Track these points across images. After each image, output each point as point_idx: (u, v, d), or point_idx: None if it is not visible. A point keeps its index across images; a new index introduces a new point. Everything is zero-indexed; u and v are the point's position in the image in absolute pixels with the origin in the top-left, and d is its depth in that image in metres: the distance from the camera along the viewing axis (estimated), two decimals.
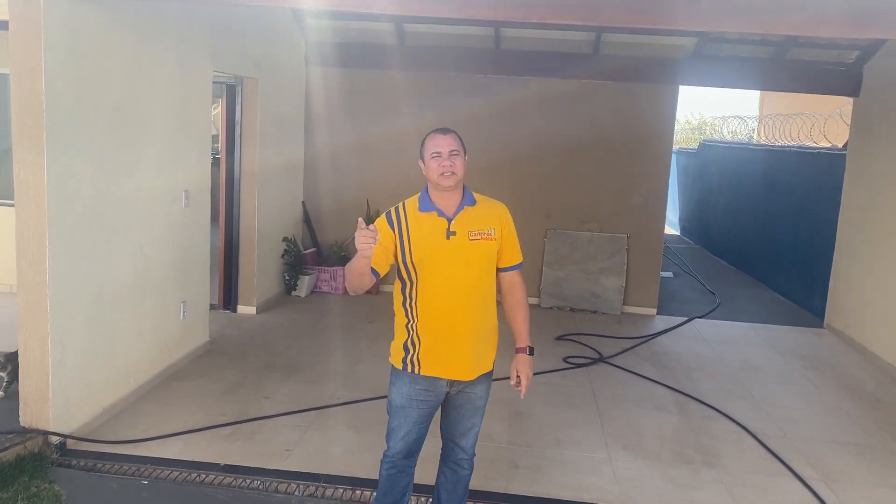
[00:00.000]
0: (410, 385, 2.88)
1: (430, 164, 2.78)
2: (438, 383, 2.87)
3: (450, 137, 2.80)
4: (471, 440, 3.04)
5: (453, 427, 3.03)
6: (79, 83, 3.92)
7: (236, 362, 5.57)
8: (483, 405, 3.00)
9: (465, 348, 2.82)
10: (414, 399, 2.89)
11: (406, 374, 2.88)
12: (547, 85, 7.72)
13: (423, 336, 2.83)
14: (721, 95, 15.87)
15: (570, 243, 7.91)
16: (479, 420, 3.03)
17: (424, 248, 2.78)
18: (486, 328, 2.90)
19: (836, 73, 7.42)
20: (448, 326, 2.80)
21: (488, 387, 3.00)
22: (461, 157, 2.79)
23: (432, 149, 2.78)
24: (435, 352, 2.83)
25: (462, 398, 2.94)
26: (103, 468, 3.85)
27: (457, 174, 2.76)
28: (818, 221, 8.31)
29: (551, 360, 6.08)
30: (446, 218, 2.81)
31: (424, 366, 2.84)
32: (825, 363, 6.45)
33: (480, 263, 2.82)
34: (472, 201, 2.87)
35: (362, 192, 7.99)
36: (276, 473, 3.89)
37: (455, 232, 2.79)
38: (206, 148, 5.56)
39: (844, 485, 4.13)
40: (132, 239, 4.57)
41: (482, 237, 2.81)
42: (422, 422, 2.94)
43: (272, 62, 6.99)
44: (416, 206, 2.85)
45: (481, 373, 2.91)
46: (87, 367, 4.19)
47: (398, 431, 2.95)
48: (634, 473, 4.14)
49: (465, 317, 2.80)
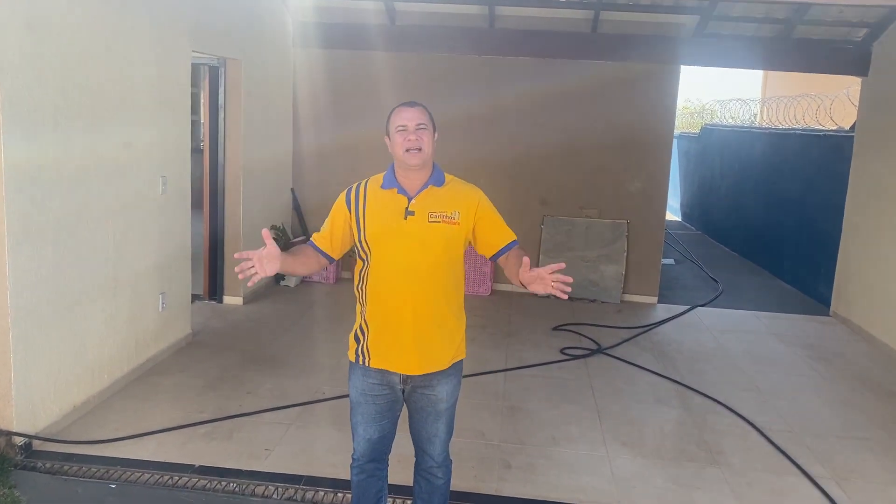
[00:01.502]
0: (363, 378, 2.68)
1: (395, 139, 2.55)
2: (391, 378, 2.64)
3: (417, 110, 2.56)
4: (437, 447, 2.80)
5: (417, 432, 2.80)
6: (39, 62, 3.67)
7: (219, 356, 5.34)
8: (446, 409, 2.73)
9: (410, 339, 2.56)
10: (368, 394, 2.68)
11: (359, 367, 2.69)
12: (543, 66, 7.45)
13: (371, 323, 2.62)
14: (721, 78, 15.48)
15: (568, 230, 7.66)
16: (445, 426, 2.77)
17: (379, 225, 2.57)
18: (442, 321, 2.62)
19: (844, 51, 7.15)
20: (394, 313, 2.57)
21: (452, 390, 2.72)
22: (429, 132, 2.56)
23: (398, 122, 2.55)
24: (382, 342, 2.61)
25: (421, 399, 2.69)
26: (69, 471, 3.63)
27: (423, 150, 2.53)
28: (824, 206, 8.06)
29: (547, 351, 5.85)
30: (406, 196, 2.58)
31: (373, 357, 2.63)
32: (832, 352, 6.22)
33: (437, 248, 2.55)
34: (441, 181, 2.63)
35: (353, 178, 7.70)
36: (253, 475, 3.67)
37: (414, 212, 2.55)
38: (184, 131, 5.30)
39: (856, 483, 3.91)
40: (103, 227, 4.32)
41: (443, 220, 2.56)
42: (380, 419, 2.72)
43: (257, 43, 6.72)
44: (380, 183, 2.64)
45: (432, 370, 2.63)
46: (55, 363, 3.96)
47: (357, 429, 2.77)
48: (634, 473, 3.91)
49: (414, 304, 2.55)
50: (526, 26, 7.26)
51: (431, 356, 2.63)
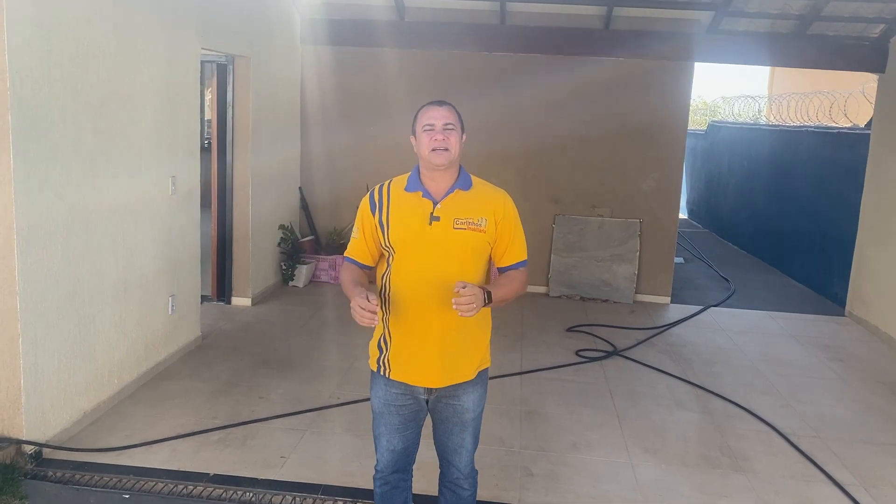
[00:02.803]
0: (386, 388, 2.59)
1: (422, 139, 2.45)
2: (415, 389, 2.56)
3: (445, 109, 2.46)
4: (464, 458, 2.71)
5: (443, 443, 2.71)
6: (48, 59, 3.56)
7: (229, 359, 5.24)
8: (472, 419, 2.64)
9: (434, 350, 2.47)
10: (391, 404, 2.59)
11: (381, 378, 2.60)
12: (555, 63, 7.35)
13: (394, 332, 2.52)
14: (728, 76, 15.43)
15: (580, 229, 7.56)
16: (471, 437, 2.68)
17: (403, 230, 2.47)
18: (468, 331, 2.52)
19: (860, 47, 7.03)
20: (418, 322, 2.47)
21: (478, 399, 2.63)
22: (457, 133, 2.46)
23: (425, 121, 2.45)
24: (405, 353, 2.51)
25: (446, 409, 2.60)
26: (81, 480, 3.53)
27: (450, 151, 2.43)
28: (838, 204, 7.96)
29: (562, 353, 5.75)
30: (432, 200, 2.47)
31: (394, 369, 2.54)
32: (850, 354, 6.12)
33: (462, 256, 2.46)
34: (467, 185, 2.53)
35: (362, 176, 7.63)
36: (269, 484, 3.58)
37: (439, 217, 2.45)
38: (194, 131, 5.19)
39: (887, 490, 3.82)
40: (112, 229, 4.22)
41: (469, 227, 2.46)
42: (404, 429, 2.63)
43: (265, 40, 6.61)
44: (404, 185, 2.53)
45: (455, 381, 2.54)
46: (65, 369, 3.86)
47: (381, 440, 2.68)
48: (658, 479, 3.82)
49: (439, 314, 2.44)
50: (537, 22, 7.15)
51: (456, 368, 2.53)
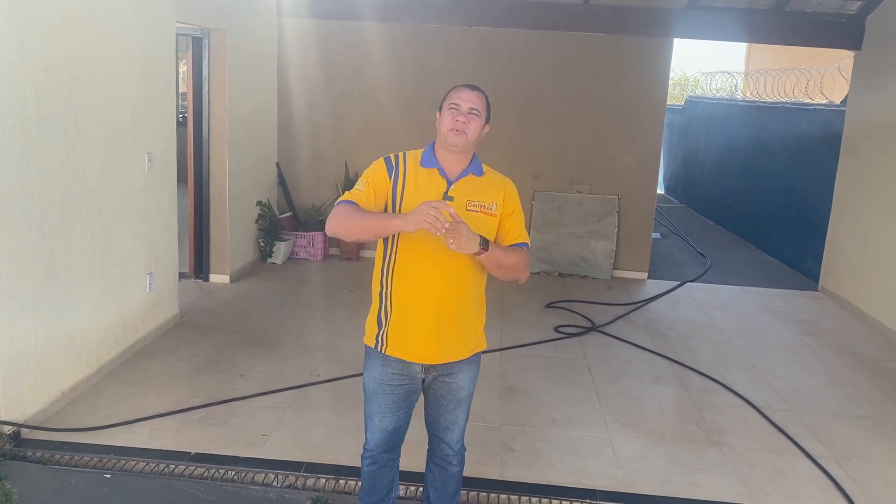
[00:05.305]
0: (382, 368, 2.59)
1: (445, 116, 2.47)
2: (412, 367, 2.57)
3: (475, 94, 2.48)
4: (456, 435, 2.75)
5: (435, 421, 2.74)
6: (19, 35, 3.46)
7: (209, 337, 5.21)
8: (466, 397, 2.70)
9: (433, 325, 2.49)
10: (386, 384, 2.60)
11: (378, 355, 2.60)
12: (535, 38, 7.30)
13: (395, 307, 2.53)
14: (708, 50, 15.47)
15: (559, 205, 7.58)
16: (464, 414, 2.74)
17: (416, 204, 2.41)
18: (468, 310, 2.56)
19: (837, 24, 7.08)
20: (420, 297, 2.49)
21: (472, 377, 2.68)
22: (480, 120, 2.48)
23: (452, 99, 2.48)
24: (405, 328, 2.52)
25: (442, 387, 2.63)
26: (62, 460, 3.51)
27: (468, 135, 2.45)
28: (812, 181, 8.06)
29: (541, 329, 5.80)
30: (447, 179, 2.49)
31: (392, 345, 2.55)
32: (823, 329, 6.25)
33: None
34: (480, 171, 2.56)
35: (340, 153, 7.59)
36: (252, 462, 3.58)
37: (453, 198, 2.47)
38: (170, 105, 5.10)
39: (857, 462, 3.92)
40: (89, 206, 4.16)
41: (481, 210, 2.49)
42: (397, 409, 2.65)
43: (242, 13, 6.48)
44: (418, 159, 2.53)
45: (453, 359, 2.58)
46: (42, 349, 3.81)
47: (372, 419, 2.68)
48: (636, 454, 3.89)
49: (442, 292, 2.47)
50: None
51: (452, 345, 2.55)
